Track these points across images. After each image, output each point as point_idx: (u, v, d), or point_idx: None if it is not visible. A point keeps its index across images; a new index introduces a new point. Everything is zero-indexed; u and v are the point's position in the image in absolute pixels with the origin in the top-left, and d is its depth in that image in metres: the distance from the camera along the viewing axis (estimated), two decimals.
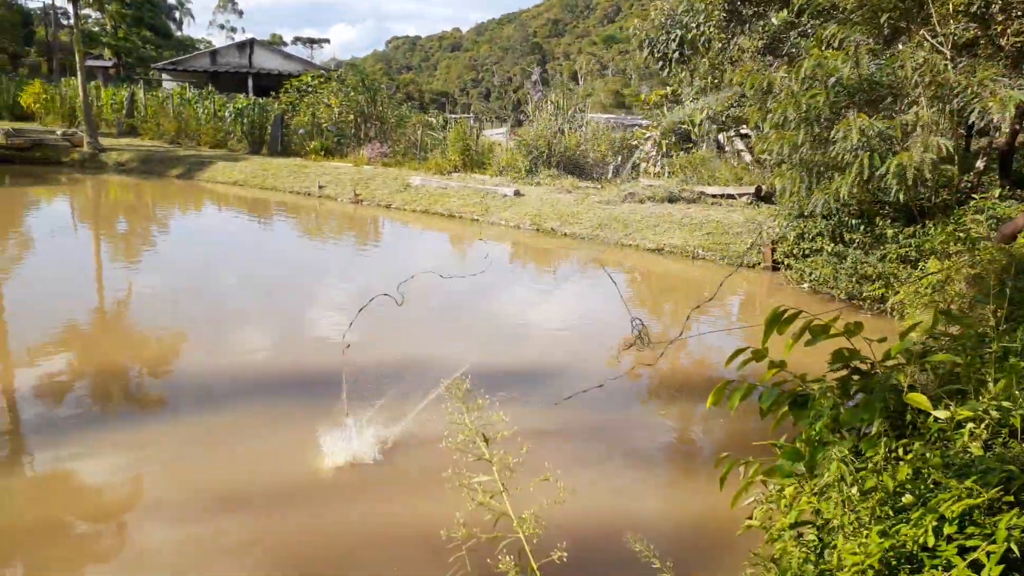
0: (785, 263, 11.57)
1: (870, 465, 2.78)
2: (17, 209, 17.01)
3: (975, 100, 8.15)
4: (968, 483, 2.46)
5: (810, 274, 10.75)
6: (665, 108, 18.43)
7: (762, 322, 3.19)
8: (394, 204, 17.85)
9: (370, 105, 24.75)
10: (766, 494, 2.98)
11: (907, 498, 2.61)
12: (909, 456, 2.73)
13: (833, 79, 9.03)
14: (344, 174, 19.92)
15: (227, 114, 26.67)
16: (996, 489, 2.51)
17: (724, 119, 17.12)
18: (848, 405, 3.37)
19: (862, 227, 10.13)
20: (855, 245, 10.19)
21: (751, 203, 15.08)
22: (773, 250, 12.12)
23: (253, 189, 20.16)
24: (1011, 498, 2.58)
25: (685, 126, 18.01)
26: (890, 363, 3.56)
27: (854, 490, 2.67)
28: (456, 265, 13.57)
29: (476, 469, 2.06)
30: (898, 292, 9.19)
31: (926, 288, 8.32)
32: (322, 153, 23.22)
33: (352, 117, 24.79)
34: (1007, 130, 10.89)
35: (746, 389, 3.33)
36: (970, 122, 8.53)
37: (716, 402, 3.39)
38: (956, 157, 9.41)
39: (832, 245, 10.46)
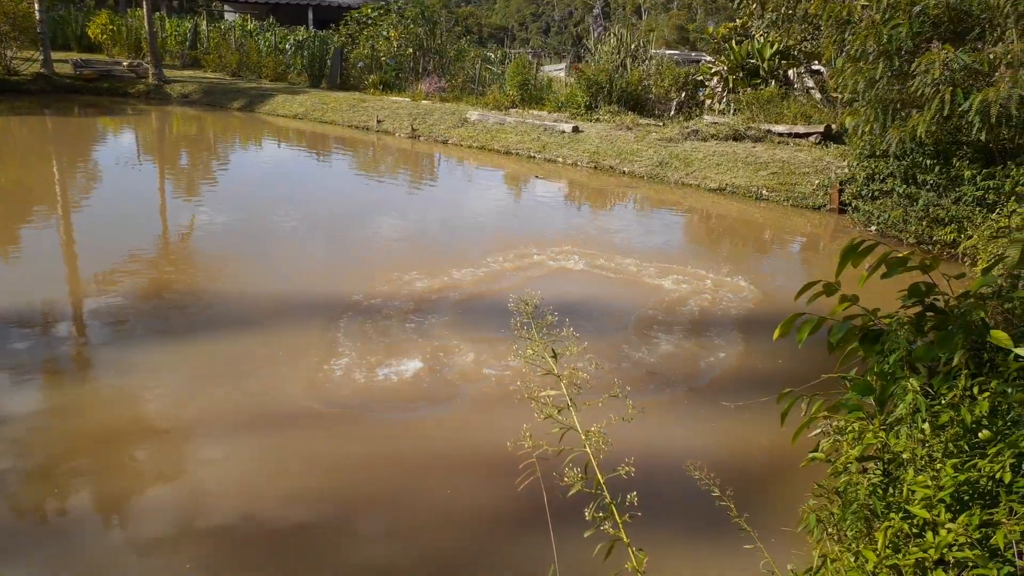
0: (852, 205, 11.19)
1: (944, 400, 2.68)
2: (86, 140, 17.44)
3: None
4: None
5: (878, 217, 10.39)
6: (733, 43, 17.72)
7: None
8: (451, 140, 17.74)
9: (429, 38, 24.42)
10: (834, 426, 2.91)
11: (984, 433, 2.52)
12: (986, 394, 2.63)
13: (917, 8, 8.55)
14: (402, 109, 19.83)
15: (288, 46, 26.67)
16: None
17: (795, 54, 16.42)
18: (921, 342, 3.27)
19: (937, 168, 9.68)
20: (928, 187, 9.77)
21: (819, 143, 14.54)
22: (840, 191, 11.72)
23: (312, 123, 20.24)
24: None
25: (753, 61, 17.33)
26: (969, 300, 3.43)
27: (926, 425, 2.58)
28: (511, 205, 13.49)
29: (543, 388, 2.05)
30: (971, 236, 8.82)
31: (1002, 232, 7.96)
32: (380, 87, 23.11)
33: (411, 51, 24.52)
34: None
35: (816, 322, 3.25)
36: None
37: (784, 334, 3.31)
38: None
39: (904, 186, 10.06)
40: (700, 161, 14.37)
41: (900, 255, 3.25)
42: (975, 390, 3.13)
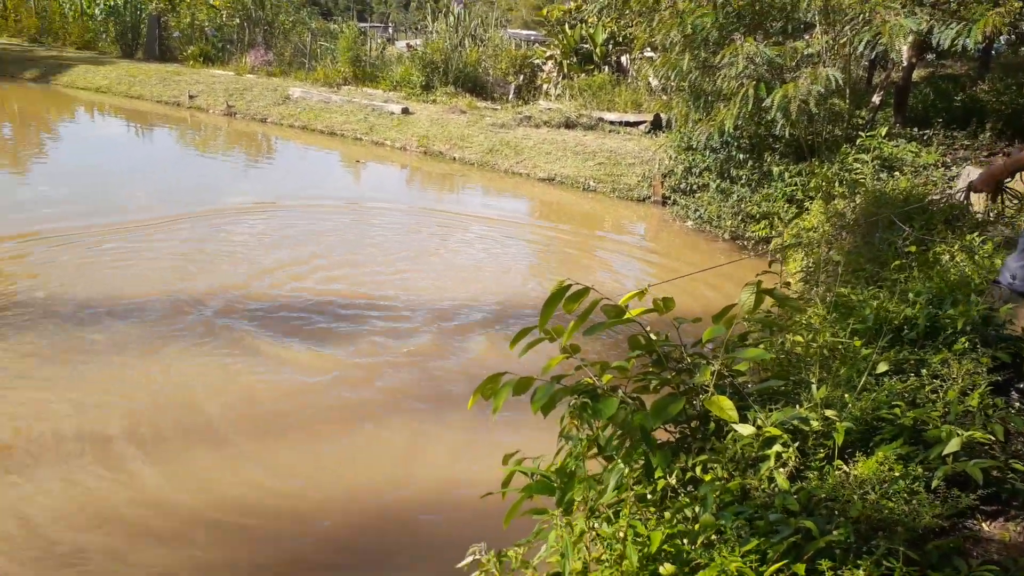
0: (672, 198, 10.92)
1: (619, 523, 2.03)
2: None
3: (866, 28, 7.46)
4: (734, 560, 1.73)
5: (695, 211, 10.13)
6: (567, 26, 17.24)
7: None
8: (270, 118, 16.31)
9: (258, 7, 22.64)
10: (484, 559, 2.21)
11: (666, 568, 1.89)
12: (659, 533, 1.98)
13: None
14: (219, 83, 18.13)
15: (98, 12, 24.00)
16: (776, 567, 1.80)
17: (621, 40, 16.12)
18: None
19: (750, 162, 9.48)
20: (742, 182, 9.57)
21: (648, 132, 14.29)
22: (662, 183, 11.43)
23: (116, 96, 18.14)
24: (802, 567, 1.88)
25: (587, 46, 16.93)
26: (707, 347, 2.86)
27: (589, 554, 1.93)
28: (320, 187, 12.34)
29: None
30: (781, 233, 8.66)
31: (805, 233, 7.78)
32: (201, 59, 21.15)
33: (238, 21, 22.65)
34: (905, 64, 10.34)
35: (518, 383, 2.57)
36: (860, 51, 7.86)
37: (485, 396, 2.61)
38: (848, 90, 8.79)
39: (719, 181, 9.82)
40: (531, 149, 13.79)
41: (613, 304, 2.62)
42: (699, 470, 2.56)
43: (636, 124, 14.58)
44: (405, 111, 15.95)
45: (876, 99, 10.34)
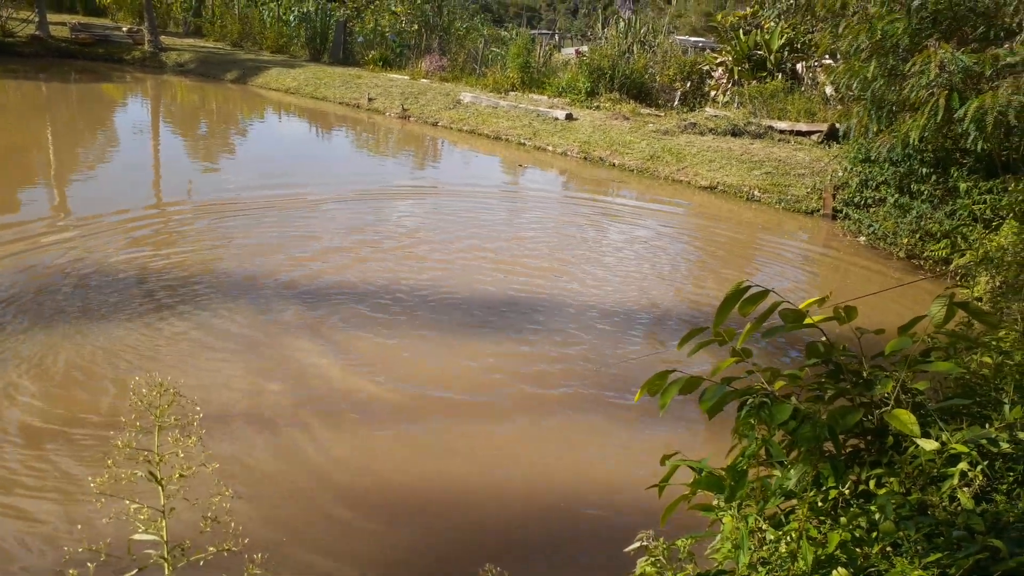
0: (844, 212, 10.43)
1: (792, 523, 2.04)
2: (66, 108, 16.95)
3: None
4: (915, 569, 1.72)
5: (868, 226, 9.63)
6: (741, 32, 16.83)
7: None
8: (441, 122, 17.02)
9: (436, 15, 23.68)
10: (652, 546, 2.27)
11: (840, 572, 1.89)
12: (836, 535, 1.97)
13: (917, 1, 7.77)
14: (396, 87, 19.13)
15: (292, 18, 25.99)
16: None
17: (799, 47, 15.54)
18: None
19: (933, 177, 8.91)
20: (923, 197, 9.00)
21: (821, 142, 13.72)
22: (834, 196, 10.95)
23: (302, 98, 19.55)
24: None
25: (761, 53, 16.45)
26: (888, 359, 2.78)
27: (753, 555, 1.95)
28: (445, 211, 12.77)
29: None
30: (964, 254, 8.07)
31: (996, 253, 7.22)
32: (380, 64, 22.40)
33: (416, 27, 23.80)
34: None
35: (686, 382, 2.62)
36: None
37: (652, 393, 2.69)
38: None
39: (897, 195, 9.29)
40: (693, 156, 13.60)
41: (794, 308, 2.62)
42: (871, 484, 2.51)
43: (808, 134, 14.04)
44: (569, 117, 16.17)
45: None
